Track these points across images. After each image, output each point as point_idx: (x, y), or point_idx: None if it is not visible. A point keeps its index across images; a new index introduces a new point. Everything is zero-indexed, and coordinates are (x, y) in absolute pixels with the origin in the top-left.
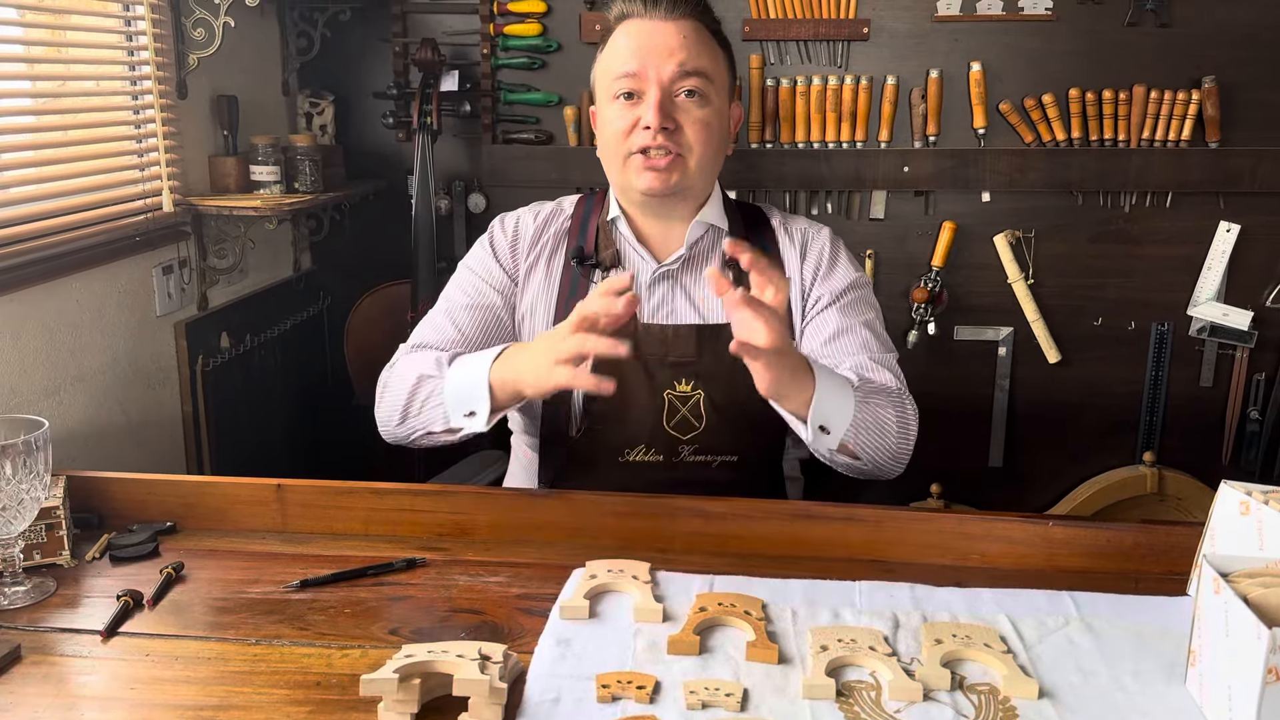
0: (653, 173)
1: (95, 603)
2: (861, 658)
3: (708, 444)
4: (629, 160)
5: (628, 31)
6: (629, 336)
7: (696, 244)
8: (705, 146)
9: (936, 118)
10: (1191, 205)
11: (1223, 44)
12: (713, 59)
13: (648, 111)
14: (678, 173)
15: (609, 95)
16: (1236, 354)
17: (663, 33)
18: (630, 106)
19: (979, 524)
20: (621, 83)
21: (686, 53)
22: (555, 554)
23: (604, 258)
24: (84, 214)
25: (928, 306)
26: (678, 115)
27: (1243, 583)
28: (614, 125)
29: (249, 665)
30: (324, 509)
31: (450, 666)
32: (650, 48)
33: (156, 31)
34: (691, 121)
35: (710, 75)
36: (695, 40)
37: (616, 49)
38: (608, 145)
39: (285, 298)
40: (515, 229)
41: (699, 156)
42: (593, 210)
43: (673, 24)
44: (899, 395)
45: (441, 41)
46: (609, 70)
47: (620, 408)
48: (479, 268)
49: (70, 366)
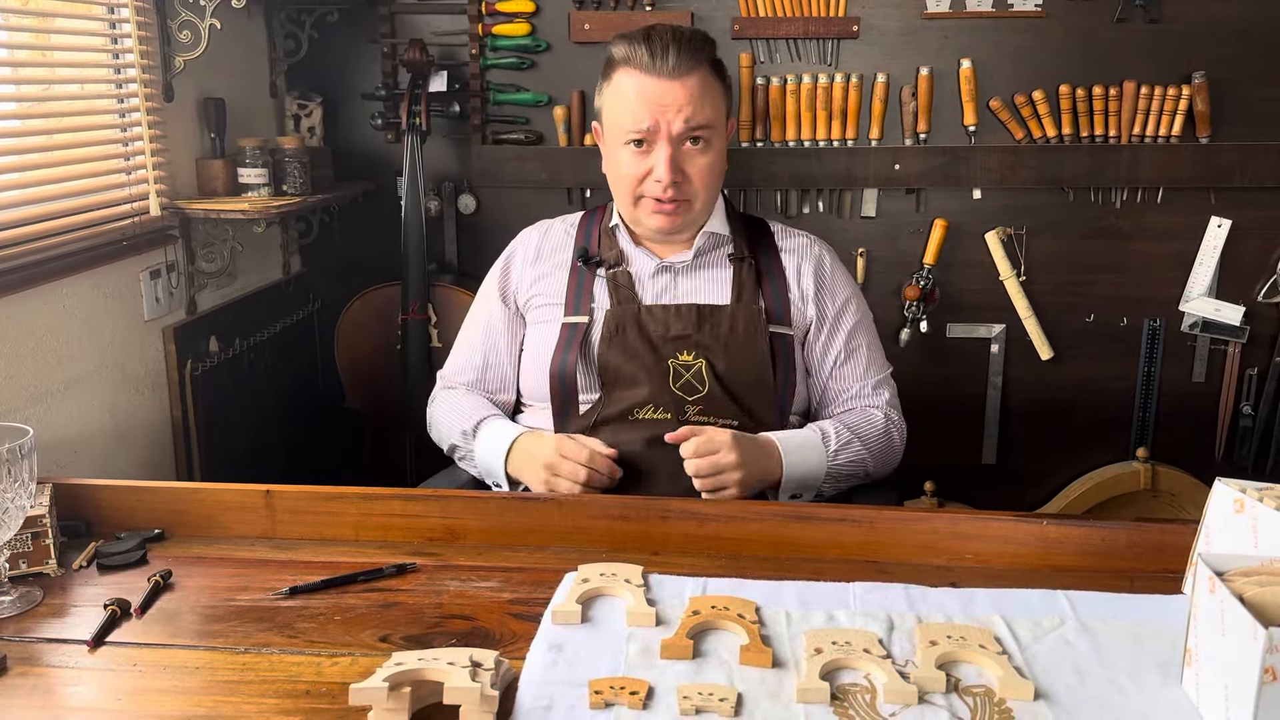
0: (662, 216)
1: (82, 612)
2: (856, 660)
3: (711, 407)
4: (640, 203)
5: (635, 86)
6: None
7: (701, 249)
8: (708, 189)
9: (927, 115)
10: (1183, 201)
11: (1213, 40)
12: (715, 105)
13: (659, 166)
14: (683, 215)
15: (619, 139)
16: (1229, 349)
17: (670, 91)
18: (641, 155)
19: (973, 523)
20: (631, 134)
21: (692, 109)
22: (547, 558)
23: (609, 257)
24: (70, 219)
25: (920, 304)
26: (685, 165)
27: (1238, 581)
28: (626, 170)
29: (237, 674)
30: (313, 514)
31: (441, 674)
32: (659, 105)
33: (142, 34)
34: (697, 169)
35: (713, 124)
36: (699, 94)
37: (625, 100)
38: (619, 184)
39: (274, 301)
40: (519, 248)
41: (703, 198)
42: (594, 223)
43: (678, 82)
44: (884, 426)
45: (430, 42)
46: (619, 122)
47: (630, 373)
48: (488, 298)
49: (57, 372)
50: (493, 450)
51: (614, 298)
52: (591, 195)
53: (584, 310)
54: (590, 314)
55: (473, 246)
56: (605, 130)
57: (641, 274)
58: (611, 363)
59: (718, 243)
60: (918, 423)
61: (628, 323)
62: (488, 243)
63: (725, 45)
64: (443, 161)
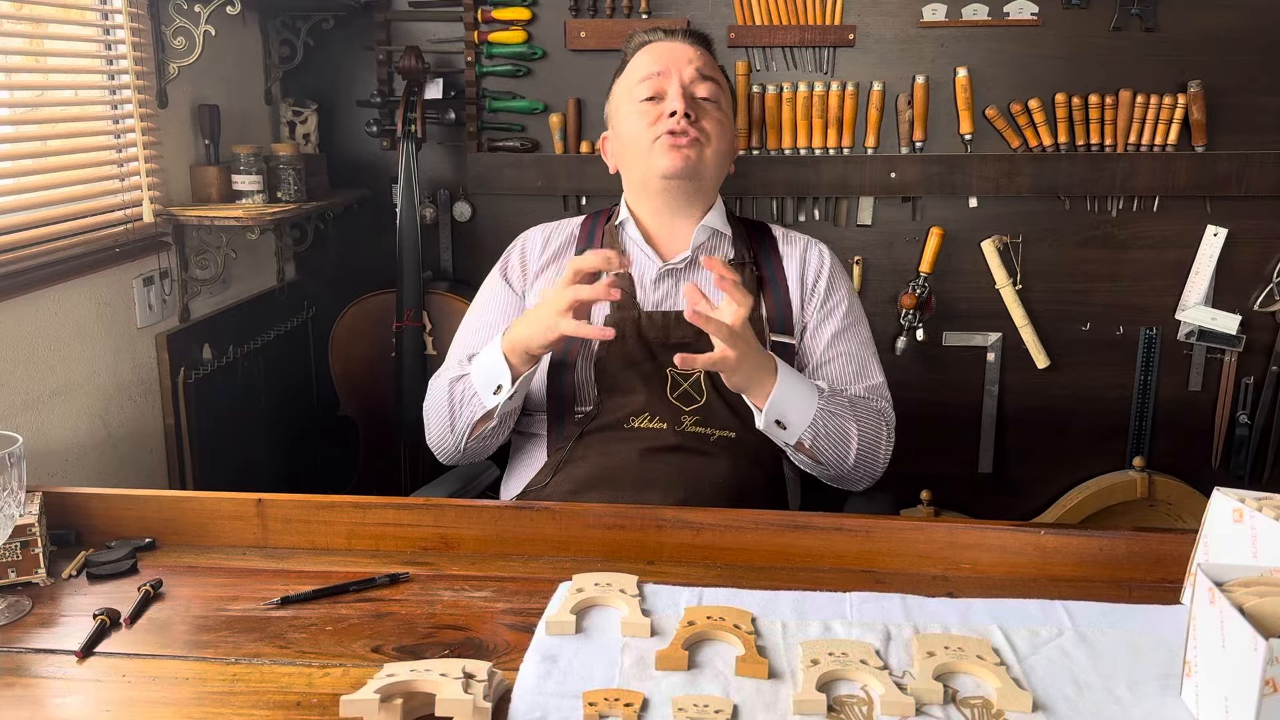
0: (676, 150)
1: (72, 622)
2: (853, 672)
3: (707, 417)
4: (654, 144)
5: (648, 50)
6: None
7: (700, 246)
8: (719, 141)
9: (923, 124)
10: (1178, 209)
11: (1208, 48)
12: (721, 81)
13: (672, 99)
14: (697, 153)
15: (633, 102)
16: (1225, 358)
17: (680, 49)
18: (654, 105)
19: (970, 532)
20: (644, 87)
21: (702, 61)
22: (541, 567)
23: None
24: (62, 225)
25: (916, 312)
26: (695, 110)
27: (1238, 592)
28: (639, 121)
29: (228, 685)
30: (305, 523)
31: (433, 686)
32: (670, 56)
33: (136, 40)
34: (709, 117)
35: (721, 87)
36: (708, 58)
37: (638, 63)
38: (633, 141)
39: (269, 308)
40: (523, 248)
41: (714, 149)
42: (598, 224)
43: (687, 44)
44: (872, 413)
45: (425, 49)
46: (631, 78)
47: (626, 380)
48: (492, 296)
49: (49, 380)
50: (488, 346)
51: (614, 302)
52: (588, 202)
53: (583, 313)
54: (588, 317)
55: (468, 254)
56: (618, 111)
57: (643, 278)
58: (609, 369)
59: (718, 243)
60: (914, 431)
61: (627, 328)
62: (483, 250)
63: (722, 53)
64: (438, 169)
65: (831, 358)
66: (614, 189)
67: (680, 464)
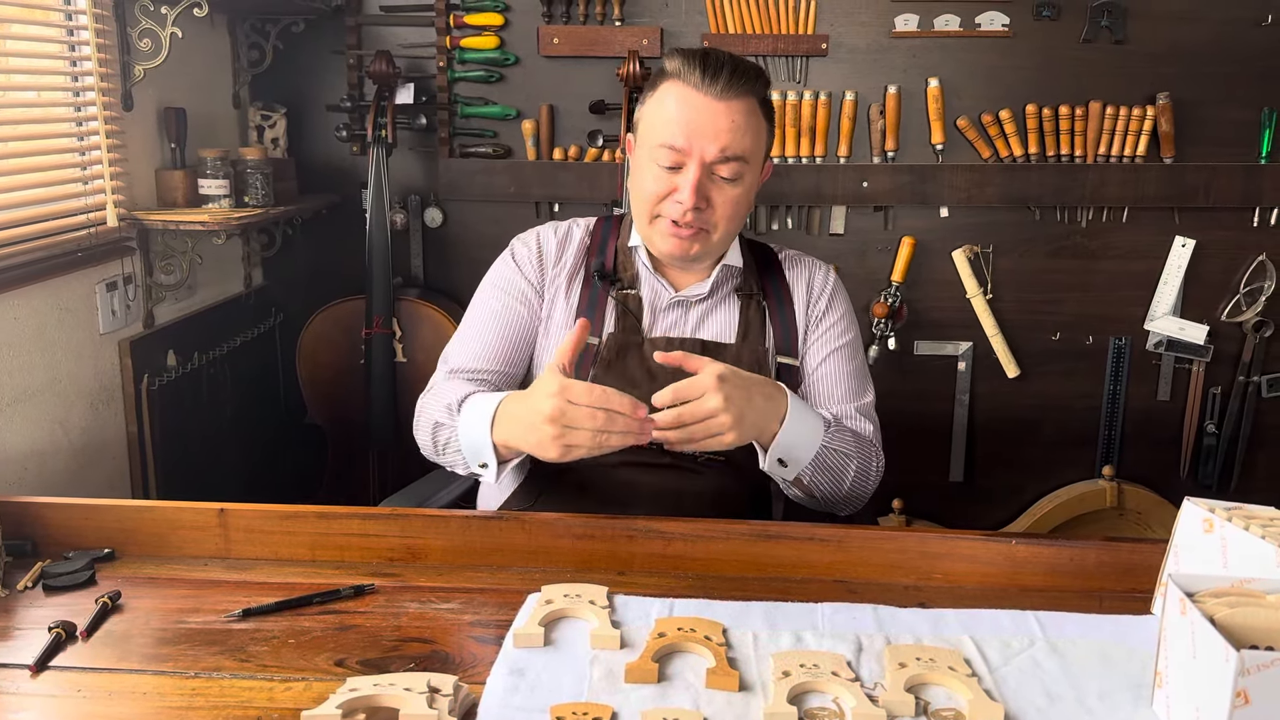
0: (676, 240)
1: (26, 635)
2: (824, 684)
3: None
4: (656, 221)
5: (679, 100)
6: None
7: (717, 283)
8: (731, 222)
9: (895, 133)
10: (1147, 220)
11: (1177, 61)
12: (755, 138)
13: (684, 190)
14: (700, 244)
15: (649, 153)
16: (1193, 368)
17: (713, 112)
18: (668, 174)
19: (941, 542)
20: (664, 153)
21: (731, 137)
22: (510, 578)
23: (625, 278)
24: (23, 229)
25: (888, 321)
26: (711, 193)
27: (1209, 603)
28: (650, 187)
29: (186, 700)
30: (268, 534)
31: (396, 700)
32: (698, 126)
33: (100, 41)
34: (723, 200)
35: (749, 158)
36: (743, 122)
37: (666, 112)
38: (639, 199)
39: (235, 314)
40: (538, 243)
41: (723, 230)
42: (610, 233)
43: (724, 105)
44: (868, 447)
45: (397, 54)
46: (654, 132)
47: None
48: (503, 283)
49: (8, 387)
50: (475, 419)
51: (620, 324)
52: (560, 209)
53: (594, 330)
54: (598, 335)
55: (439, 260)
56: (639, 139)
57: (655, 304)
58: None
59: (729, 275)
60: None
61: (630, 351)
62: (454, 257)
63: None
64: (409, 174)
65: (824, 374)
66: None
67: (665, 481)
